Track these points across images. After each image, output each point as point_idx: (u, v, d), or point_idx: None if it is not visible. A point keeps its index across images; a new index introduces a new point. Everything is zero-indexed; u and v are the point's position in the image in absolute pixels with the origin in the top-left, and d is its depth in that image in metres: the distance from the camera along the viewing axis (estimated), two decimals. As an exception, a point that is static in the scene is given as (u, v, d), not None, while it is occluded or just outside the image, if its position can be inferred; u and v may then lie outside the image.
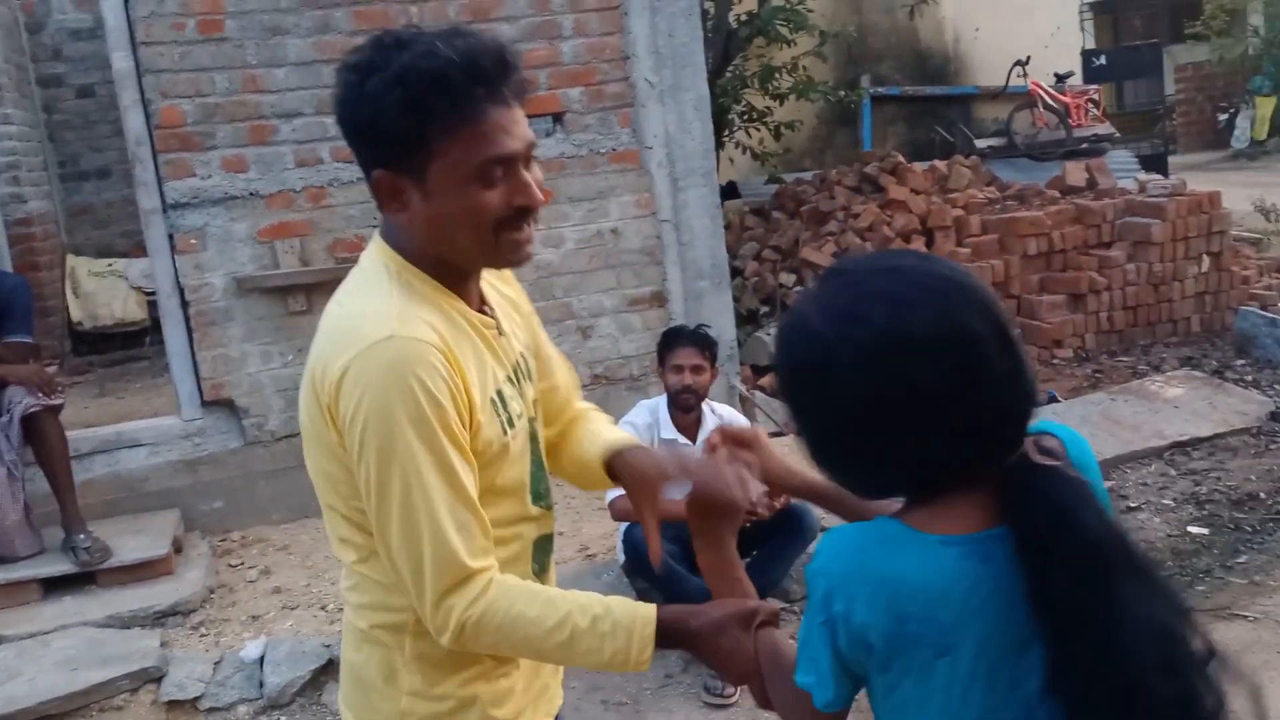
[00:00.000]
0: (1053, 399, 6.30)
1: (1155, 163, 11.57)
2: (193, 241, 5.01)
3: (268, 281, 5.09)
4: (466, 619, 1.46)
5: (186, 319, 5.08)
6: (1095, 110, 10.65)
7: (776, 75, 8.29)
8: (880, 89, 10.11)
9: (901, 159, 8.08)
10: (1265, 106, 19.38)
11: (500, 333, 1.63)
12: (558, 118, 5.42)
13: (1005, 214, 7.42)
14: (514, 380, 1.64)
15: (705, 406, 4.17)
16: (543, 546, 1.72)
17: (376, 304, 1.49)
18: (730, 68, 8.36)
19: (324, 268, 5.16)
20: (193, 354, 5.10)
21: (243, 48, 5.01)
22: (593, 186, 5.47)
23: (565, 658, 1.53)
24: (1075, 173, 8.08)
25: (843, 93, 8.94)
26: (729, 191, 8.59)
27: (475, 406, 1.51)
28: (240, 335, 5.11)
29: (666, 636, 1.51)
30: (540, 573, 1.71)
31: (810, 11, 8.43)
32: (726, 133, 8.56)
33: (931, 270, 1.29)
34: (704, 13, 7.71)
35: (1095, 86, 11.15)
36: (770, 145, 8.70)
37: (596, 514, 5.08)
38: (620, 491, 3.37)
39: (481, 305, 1.63)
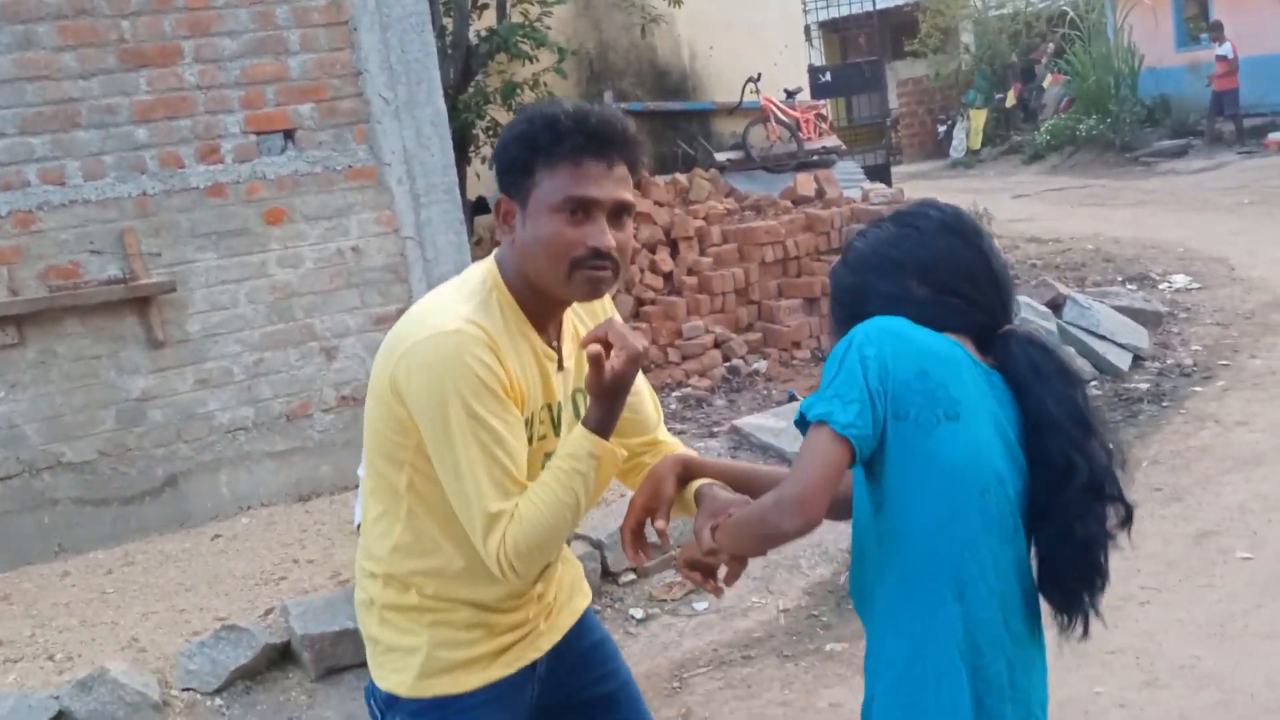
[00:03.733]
0: (792, 398, 6.62)
1: (879, 173, 12.36)
2: (-118, 273, 4.60)
3: (-28, 314, 4.73)
4: (502, 557, 1.74)
5: (-121, 358, 4.66)
6: (824, 124, 11.23)
7: (519, 91, 8.34)
8: (622, 104, 10.32)
9: (644, 172, 8.29)
10: (978, 118, 20.98)
11: (560, 367, 1.89)
12: (289, 134, 5.27)
13: (743, 224, 7.75)
14: (551, 409, 1.88)
15: None
16: None
17: (456, 306, 1.78)
18: (472, 83, 8.36)
19: (36, 296, 4.83)
20: (-112, 396, 4.68)
21: (-67, 63, 4.65)
22: (330, 204, 5.35)
23: (578, 511, 1.79)
24: (806, 183, 8.51)
25: (585, 108, 9.09)
26: (479, 207, 8.58)
27: (511, 388, 1.77)
28: (-57, 373, 4.73)
29: (594, 423, 1.78)
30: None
31: (549, 29, 8.54)
32: (473, 148, 8.54)
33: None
34: (441, 29, 7.69)
35: (823, 102, 11.78)
36: (516, 160, 8.73)
37: (349, 539, 4.97)
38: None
39: (554, 340, 1.89)
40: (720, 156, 10.45)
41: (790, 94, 10.97)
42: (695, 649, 4.23)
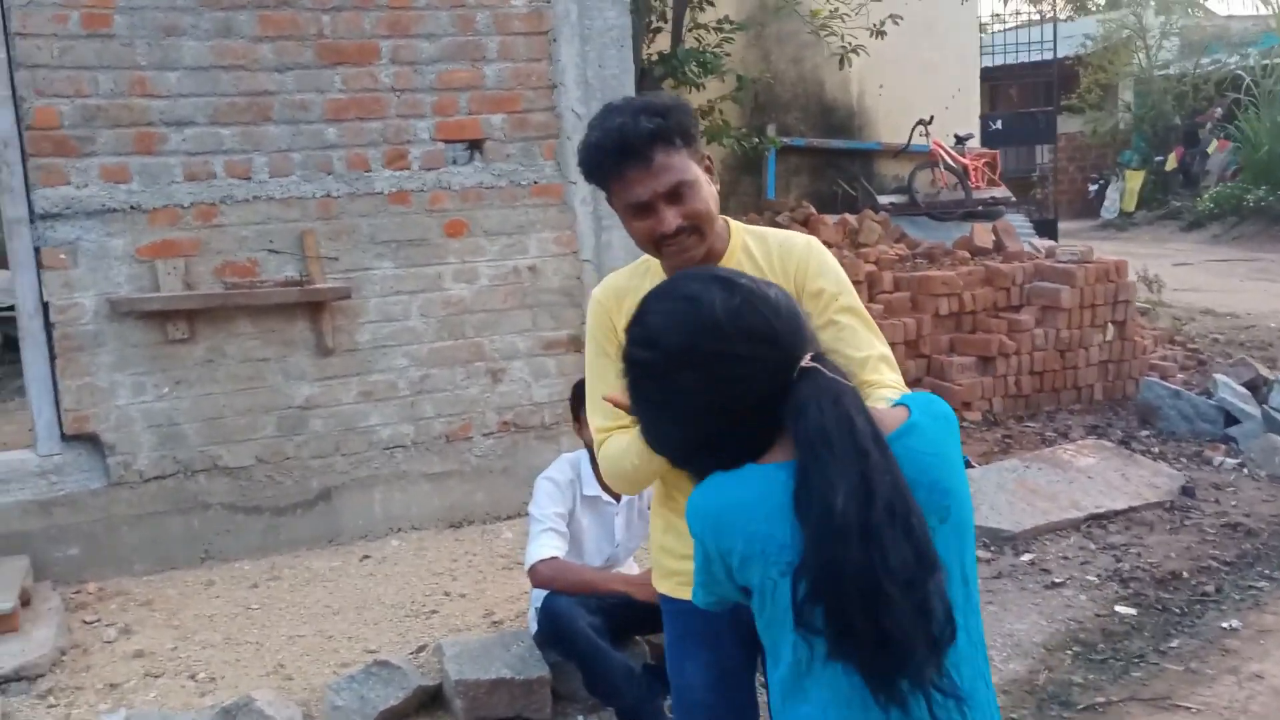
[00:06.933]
0: (966, 464, 6.17)
1: (1047, 228, 11.78)
2: (62, 256, 4.48)
3: (146, 305, 4.58)
4: (600, 459, 2.31)
5: (50, 342, 4.53)
6: (992, 174, 10.75)
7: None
8: (785, 139, 9.99)
9: (813, 210, 7.95)
10: (1134, 180, 20.12)
11: None
12: (477, 144, 5.05)
13: (917, 272, 7.32)
14: None
15: None
16: None
17: (609, 275, 2.40)
18: (642, 107, 8.11)
19: (211, 292, 4.68)
20: (54, 381, 4.55)
21: (132, 47, 4.52)
22: (511, 220, 5.11)
23: (625, 471, 2.23)
24: (983, 234, 8.06)
25: (756, 139, 8.78)
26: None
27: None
28: (110, 363, 4.58)
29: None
30: None
31: (728, 55, 8.26)
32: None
33: (678, 302, 1.53)
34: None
35: (994, 151, 11.29)
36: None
37: (501, 574, 4.70)
38: (544, 556, 3.69)
39: None
40: (883, 199, 10.05)
41: (960, 139, 10.53)
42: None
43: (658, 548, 2.43)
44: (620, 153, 2.07)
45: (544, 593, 3.73)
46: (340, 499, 5.01)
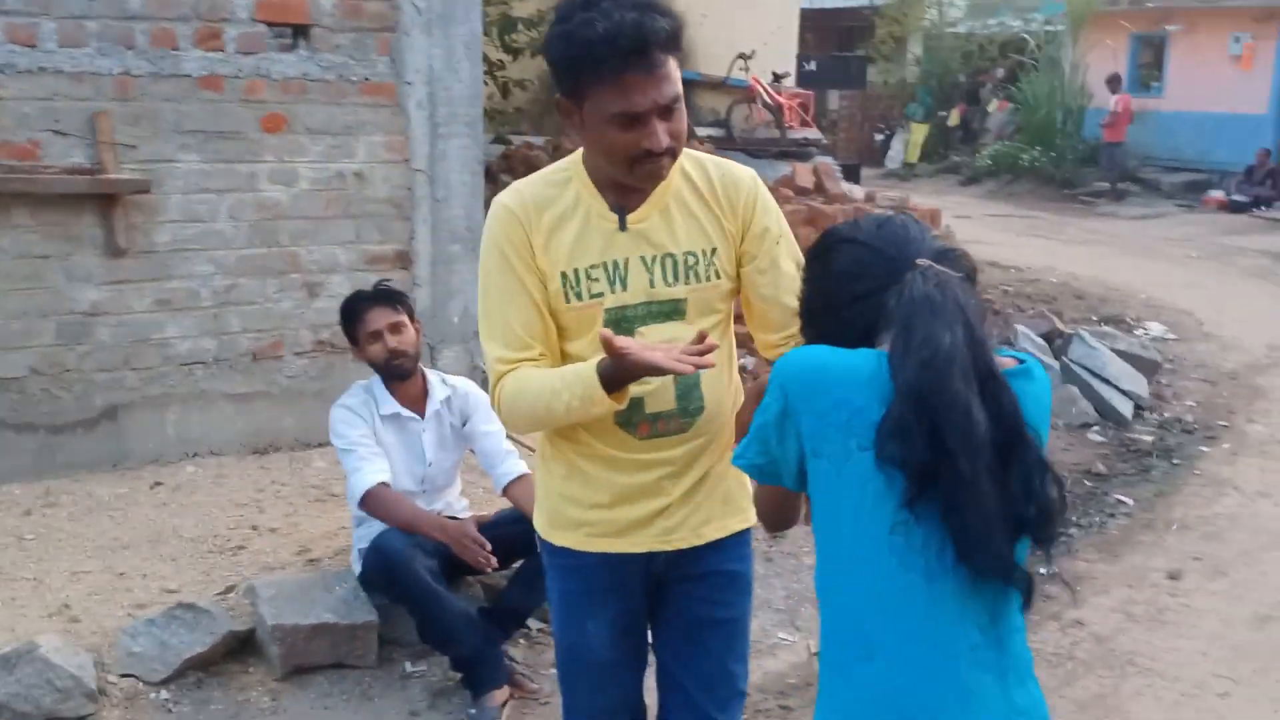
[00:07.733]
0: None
1: (850, 173, 11.98)
2: None
3: (-100, 184, 3.91)
4: (496, 399, 2.04)
5: None
6: (805, 115, 10.79)
7: (518, 28, 7.65)
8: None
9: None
10: (919, 132, 20.84)
11: (621, 229, 2.02)
12: (302, 30, 4.53)
13: (742, 207, 7.22)
14: (607, 266, 2.02)
15: (428, 374, 3.59)
16: (632, 405, 2.02)
17: (523, 180, 2.09)
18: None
19: (-19, 175, 4.03)
20: None
21: (-113, -127, 3.79)
22: (338, 119, 4.63)
23: (560, 416, 1.98)
24: (804, 174, 8.05)
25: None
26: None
27: (538, 256, 2.01)
28: None
29: (603, 371, 1.89)
30: (628, 425, 2.06)
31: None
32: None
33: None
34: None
35: (809, 91, 11.34)
36: (498, 102, 8.05)
37: (314, 506, 4.33)
38: (375, 481, 3.39)
39: (622, 206, 2.02)
40: (701, 132, 9.91)
41: (778, 77, 10.50)
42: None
43: (558, 496, 2.18)
44: (632, 52, 1.81)
45: (371, 531, 3.44)
46: (128, 418, 4.47)
